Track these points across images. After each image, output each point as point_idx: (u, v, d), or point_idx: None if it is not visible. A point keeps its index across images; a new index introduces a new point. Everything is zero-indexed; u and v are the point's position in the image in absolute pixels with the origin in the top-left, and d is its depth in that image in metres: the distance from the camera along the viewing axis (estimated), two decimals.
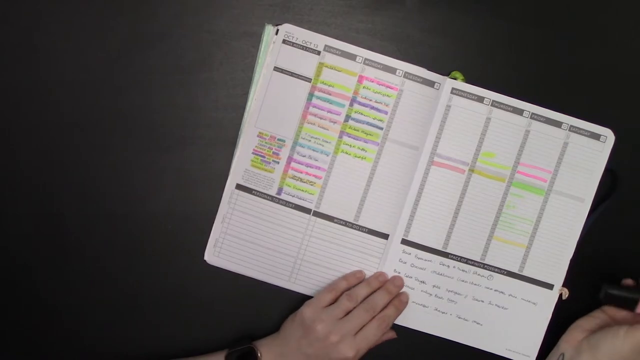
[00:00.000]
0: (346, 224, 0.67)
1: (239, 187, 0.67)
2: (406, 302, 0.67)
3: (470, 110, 0.66)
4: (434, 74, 0.66)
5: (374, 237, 0.67)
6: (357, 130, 0.67)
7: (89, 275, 0.68)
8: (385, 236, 0.67)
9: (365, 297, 0.65)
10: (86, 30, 0.66)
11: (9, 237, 0.68)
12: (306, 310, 0.63)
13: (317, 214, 0.67)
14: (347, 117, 0.66)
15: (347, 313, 0.64)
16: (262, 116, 0.67)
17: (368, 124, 0.66)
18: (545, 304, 0.67)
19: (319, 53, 0.66)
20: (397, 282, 0.67)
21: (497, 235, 0.67)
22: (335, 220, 0.67)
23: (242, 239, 0.67)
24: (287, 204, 0.67)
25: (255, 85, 0.66)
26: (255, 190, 0.67)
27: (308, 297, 0.67)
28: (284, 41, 0.66)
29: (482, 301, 0.67)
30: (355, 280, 0.67)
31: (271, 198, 0.67)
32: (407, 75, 0.66)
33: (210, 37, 0.67)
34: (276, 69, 0.66)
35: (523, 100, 0.66)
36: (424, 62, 0.67)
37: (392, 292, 0.66)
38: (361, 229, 0.67)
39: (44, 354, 0.69)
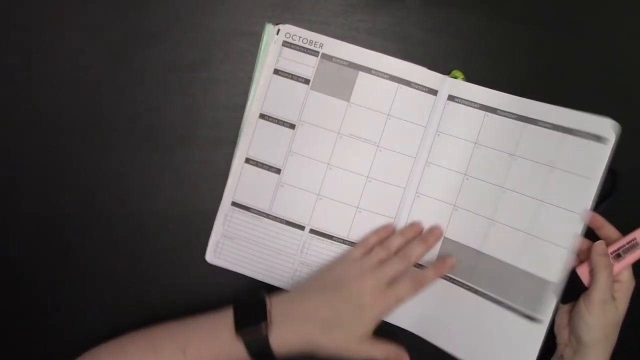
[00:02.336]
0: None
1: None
2: (451, 267, 0.63)
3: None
4: (434, 73, 0.66)
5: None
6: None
7: (88, 275, 0.68)
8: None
9: (400, 247, 0.62)
10: (86, 30, 0.66)
11: (9, 237, 0.68)
12: (336, 265, 0.62)
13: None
14: None
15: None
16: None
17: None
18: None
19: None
20: (436, 232, 0.64)
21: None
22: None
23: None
24: None
25: (255, 84, 0.66)
26: None
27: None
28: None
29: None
30: (387, 233, 0.64)
31: None
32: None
33: (210, 37, 0.67)
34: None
35: (522, 98, 0.65)
36: (424, 61, 0.66)
37: (430, 243, 0.63)
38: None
39: (44, 354, 0.69)
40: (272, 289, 0.67)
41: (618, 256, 0.63)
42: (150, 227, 0.68)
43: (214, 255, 0.67)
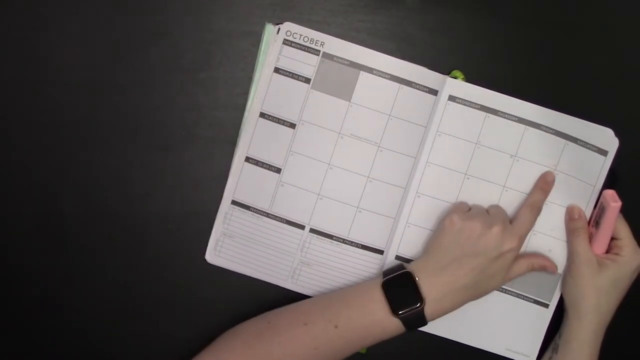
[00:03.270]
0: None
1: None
2: (552, 182, 0.65)
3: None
4: (434, 73, 0.66)
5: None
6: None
7: (89, 275, 0.68)
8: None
9: None
10: (86, 30, 0.66)
11: (9, 237, 0.67)
12: (454, 217, 0.62)
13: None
14: None
15: None
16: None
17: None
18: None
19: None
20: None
21: None
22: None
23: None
24: None
25: (255, 84, 0.66)
26: None
27: (309, 297, 0.67)
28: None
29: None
30: None
31: None
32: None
33: (210, 37, 0.67)
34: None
35: (522, 100, 0.66)
36: (424, 61, 0.66)
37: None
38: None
39: (44, 354, 0.69)
40: (272, 289, 0.67)
41: (597, 224, 0.64)
42: (150, 227, 0.67)
43: (214, 254, 0.67)
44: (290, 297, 0.67)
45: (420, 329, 0.67)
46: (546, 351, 0.67)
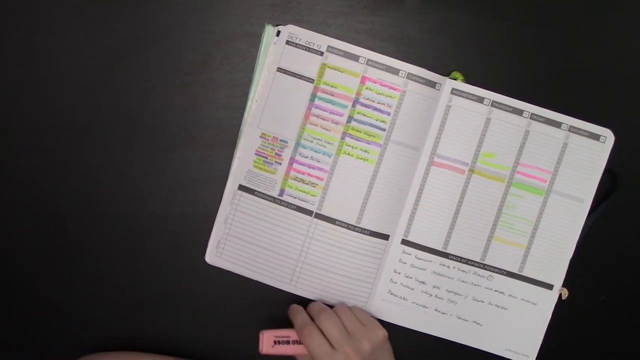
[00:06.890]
0: (348, 226, 0.67)
1: (241, 188, 0.67)
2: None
3: (470, 110, 0.66)
4: (434, 74, 0.66)
5: (374, 239, 0.67)
6: (360, 132, 0.66)
7: (89, 275, 0.68)
8: (385, 237, 0.67)
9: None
10: (86, 30, 0.66)
11: (9, 237, 0.67)
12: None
13: (319, 216, 0.67)
14: (350, 118, 0.66)
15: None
16: (264, 117, 0.66)
17: (370, 125, 0.66)
18: (545, 304, 0.68)
19: (321, 54, 0.66)
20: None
21: (497, 235, 0.67)
22: (337, 223, 0.67)
23: (244, 240, 0.67)
24: (289, 205, 0.67)
25: (255, 85, 0.66)
26: (257, 192, 0.67)
27: (309, 300, 0.67)
28: (287, 42, 0.66)
29: (482, 301, 0.68)
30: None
31: (273, 199, 0.67)
32: (410, 76, 0.66)
33: (210, 37, 0.67)
34: (279, 69, 0.66)
35: (522, 101, 0.66)
36: (424, 62, 0.67)
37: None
38: (363, 231, 0.67)
39: (44, 354, 0.69)
40: (271, 290, 0.67)
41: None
42: (150, 227, 0.67)
43: (214, 255, 0.67)
44: (290, 300, 0.67)
45: (419, 330, 0.67)
46: None
